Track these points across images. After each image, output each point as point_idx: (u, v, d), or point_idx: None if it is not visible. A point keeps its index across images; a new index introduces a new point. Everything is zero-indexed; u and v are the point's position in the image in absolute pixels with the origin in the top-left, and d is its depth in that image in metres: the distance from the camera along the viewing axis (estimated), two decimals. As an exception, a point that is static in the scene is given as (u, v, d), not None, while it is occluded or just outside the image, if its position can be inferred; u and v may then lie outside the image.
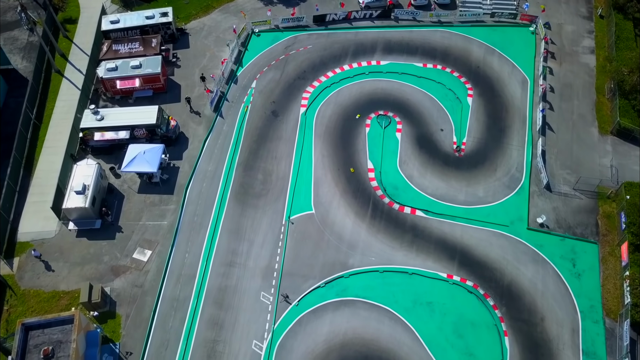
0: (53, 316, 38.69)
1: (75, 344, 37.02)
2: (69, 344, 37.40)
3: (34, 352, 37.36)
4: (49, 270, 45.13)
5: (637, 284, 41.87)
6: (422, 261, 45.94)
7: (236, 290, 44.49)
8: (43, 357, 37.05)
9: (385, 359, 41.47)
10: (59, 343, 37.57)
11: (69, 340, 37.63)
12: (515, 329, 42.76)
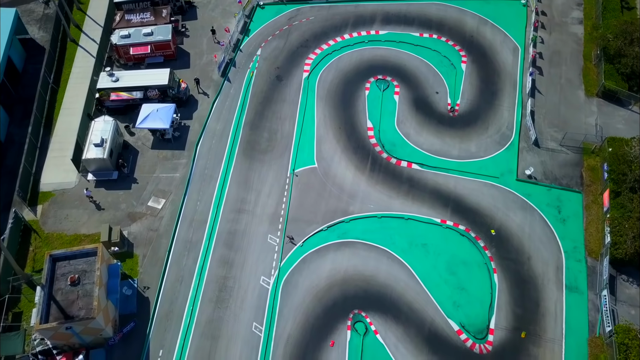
0: (78, 248, 43.40)
1: (99, 272, 41.71)
2: (93, 272, 42.09)
3: (61, 279, 42.03)
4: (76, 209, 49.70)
5: (616, 224, 46.57)
6: (417, 208, 50.68)
7: (245, 233, 49.20)
8: (70, 284, 41.67)
9: (384, 292, 46.01)
10: (83, 272, 42.26)
11: (93, 269, 42.31)
12: (504, 267, 47.48)
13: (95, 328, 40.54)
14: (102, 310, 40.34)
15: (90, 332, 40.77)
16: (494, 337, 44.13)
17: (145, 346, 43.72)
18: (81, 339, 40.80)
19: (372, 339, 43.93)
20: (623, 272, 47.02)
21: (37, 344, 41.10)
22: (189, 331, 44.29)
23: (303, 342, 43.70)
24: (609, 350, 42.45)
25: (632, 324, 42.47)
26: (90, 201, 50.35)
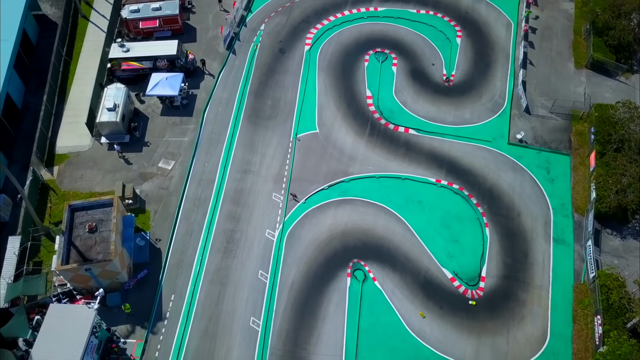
0: (95, 199, 47.27)
1: (115, 221, 45.61)
2: (110, 221, 45.99)
3: (79, 227, 45.93)
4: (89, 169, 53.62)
5: (600, 180, 50.50)
6: (413, 169, 54.65)
7: (251, 191, 53.12)
8: (88, 231, 45.58)
9: (381, 244, 49.92)
10: (100, 221, 46.17)
11: (109, 218, 46.21)
12: (495, 222, 51.40)
13: (112, 271, 44.33)
14: (118, 255, 44.15)
15: (107, 275, 44.57)
16: (485, 284, 47.98)
17: (158, 291, 47.53)
18: (98, 282, 44.59)
19: (371, 285, 47.74)
20: (607, 227, 50.90)
21: (57, 286, 44.84)
22: (198, 278, 48.07)
23: (306, 288, 47.49)
24: (593, 295, 46.22)
25: (613, 267, 46.32)
26: (120, 156, 54.27)
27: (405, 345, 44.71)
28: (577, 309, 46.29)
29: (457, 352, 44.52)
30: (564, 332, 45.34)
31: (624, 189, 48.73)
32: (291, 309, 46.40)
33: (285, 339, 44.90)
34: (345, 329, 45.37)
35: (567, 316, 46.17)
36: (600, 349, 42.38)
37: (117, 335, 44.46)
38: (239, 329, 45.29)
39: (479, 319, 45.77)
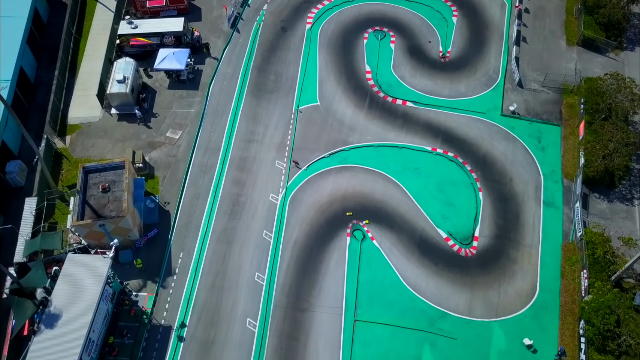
0: (108, 162, 50.62)
1: (127, 181, 48.95)
2: (122, 182, 49.35)
3: (93, 188, 49.28)
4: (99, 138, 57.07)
5: (588, 146, 53.86)
6: (410, 138, 58.02)
7: (255, 159, 56.49)
8: (101, 191, 48.92)
9: (379, 207, 53.28)
10: (113, 182, 49.52)
11: (121, 179, 49.57)
12: (488, 186, 54.78)
13: (124, 228, 47.66)
14: (130, 213, 47.46)
15: (120, 232, 47.89)
16: (478, 243, 51.31)
17: (168, 249, 50.86)
18: (111, 238, 47.90)
19: (369, 244, 51.10)
20: (595, 191, 54.27)
21: (72, 244, 48.17)
22: (206, 237, 51.42)
23: (308, 246, 50.85)
24: (580, 253, 49.57)
25: (599, 225, 49.66)
26: (140, 123, 57.82)
27: (401, 298, 47.97)
28: (565, 265, 49.58)
29: (451, 304, 47.81)
30: (552, 287, 48.63)
31: (610, 153, 52.02)
32: (294, 265, 49.69)
33: (289, 292, 48.17)
34: (345, 283, 48.64)
35: (556, 272, 49.43)
36: (585, 298, 45.65)
37: (129, 288, 47.71)
38: (245, 283, 48.58)
39: (472, 275, 49.08)
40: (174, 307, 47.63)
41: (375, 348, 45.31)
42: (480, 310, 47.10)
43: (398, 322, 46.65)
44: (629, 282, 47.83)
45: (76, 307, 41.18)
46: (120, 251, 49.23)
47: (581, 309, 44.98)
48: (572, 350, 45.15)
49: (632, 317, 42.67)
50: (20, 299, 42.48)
